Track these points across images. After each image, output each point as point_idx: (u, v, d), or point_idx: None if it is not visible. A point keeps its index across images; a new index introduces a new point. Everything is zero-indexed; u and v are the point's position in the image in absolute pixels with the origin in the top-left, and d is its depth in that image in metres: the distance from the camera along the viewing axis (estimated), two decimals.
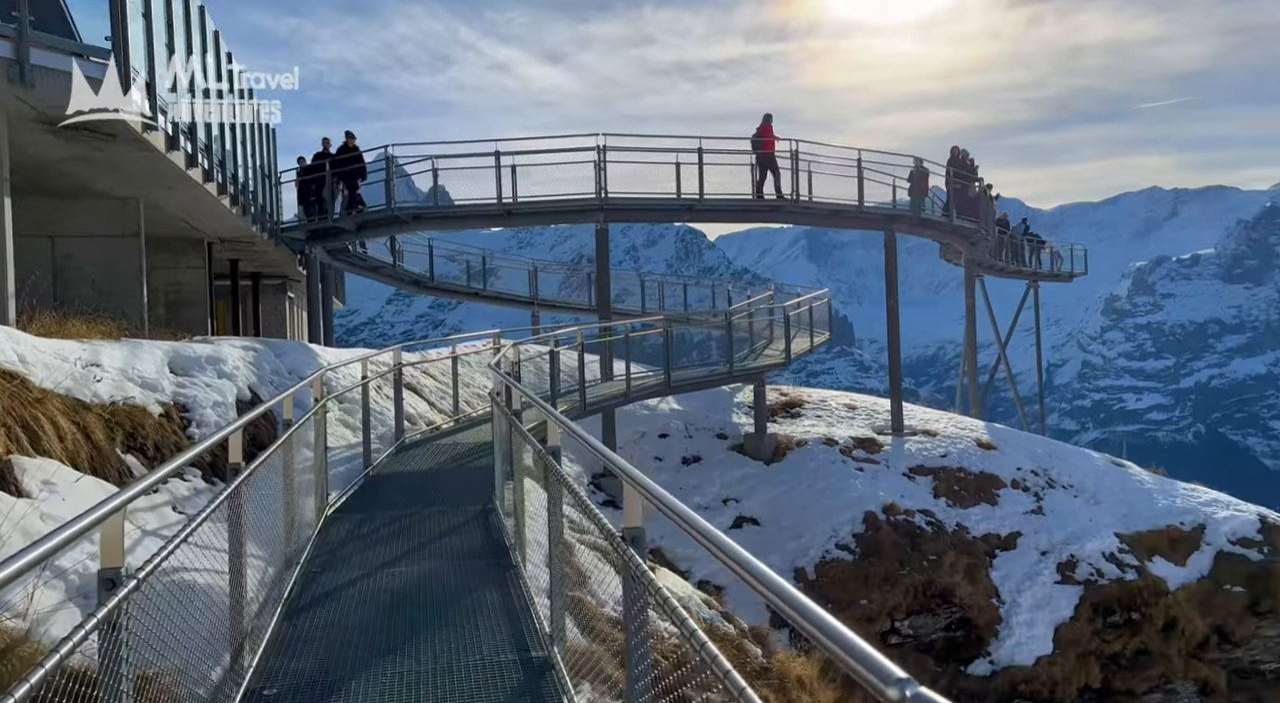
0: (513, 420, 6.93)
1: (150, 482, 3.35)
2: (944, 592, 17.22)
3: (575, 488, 4.47)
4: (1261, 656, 17.37)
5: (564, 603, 5.17)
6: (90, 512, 2.71)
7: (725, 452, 20.35)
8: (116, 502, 2.87)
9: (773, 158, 19.66)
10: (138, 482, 3.23)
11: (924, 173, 22.35)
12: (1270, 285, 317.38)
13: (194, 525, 3.81)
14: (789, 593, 1.87)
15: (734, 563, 2.23)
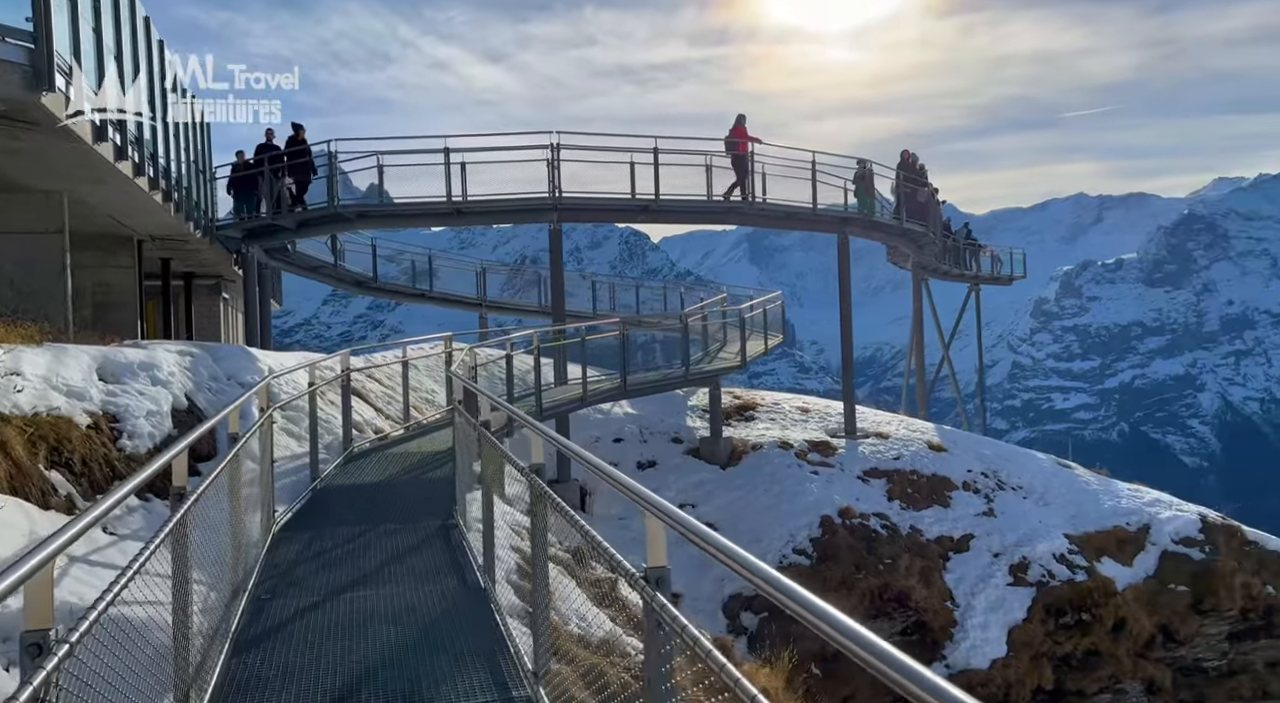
0: (486, 436, 6.47)
1: (85, 525, 2.86)
2: (900, 596, 17.21)
3: (578, 519, 4.07)
4: (1204, 654, 17.75)
5: (549, 640, 4.76)
6: (12, 568, 2.24)
7: (681, 456, 20.08)
8: (43, 554, 2.40)
9: (745, 160, 19.48)
10: (69, 525, 2.74)
11: (870, 173, 22.36)
12: (1188, 289, 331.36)
13: (132, 571, 3.31)
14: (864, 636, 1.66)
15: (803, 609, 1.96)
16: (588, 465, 3.87)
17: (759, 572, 2.20)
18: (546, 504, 4.66)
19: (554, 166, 19.02)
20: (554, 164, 19.02)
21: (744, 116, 20.43)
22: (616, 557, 3.32)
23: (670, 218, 20.27)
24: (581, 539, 4.38)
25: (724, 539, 2.42)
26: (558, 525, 7.81)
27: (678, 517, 2.72)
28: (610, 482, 3.62)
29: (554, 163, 19.05)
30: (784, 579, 2.11)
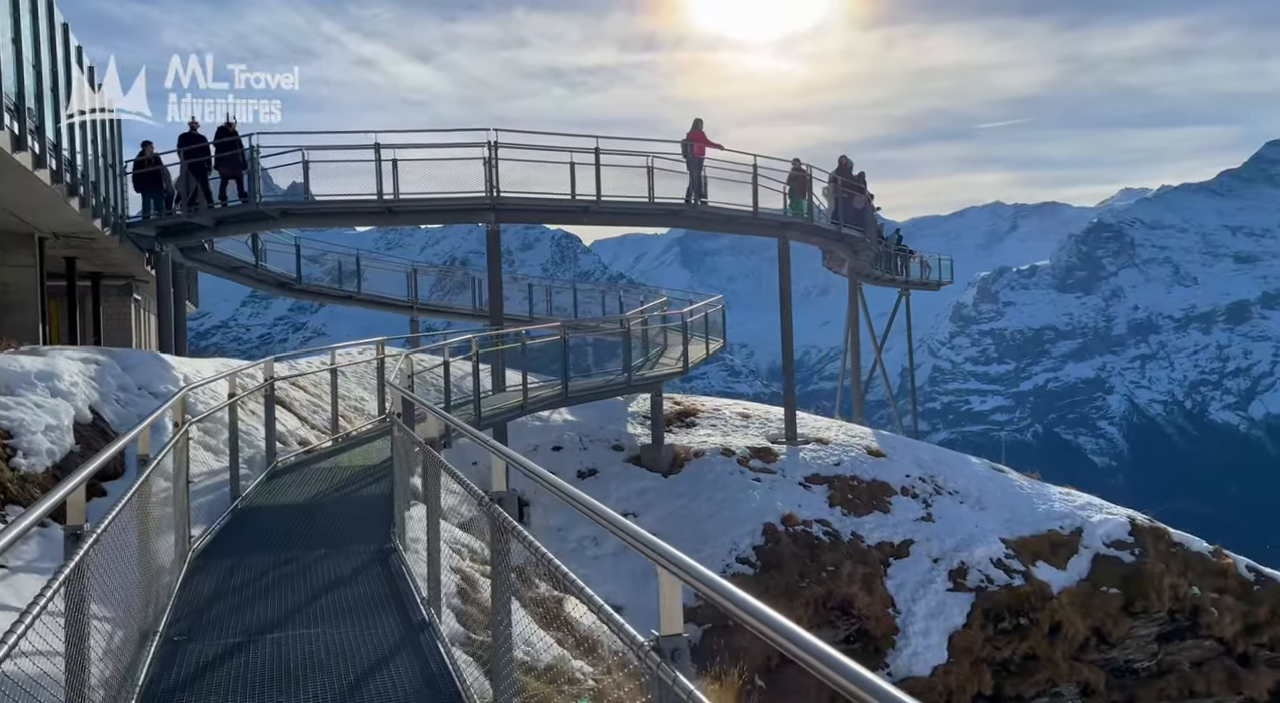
0: (432, 456, 5.90)
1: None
2: (843, 603, 17.09)
3: (559, 565, 3.57)
4: (1135, 654, 18.11)
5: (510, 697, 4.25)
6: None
7: (622, 464, 19.64)
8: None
9: (702, 164, 19.18)
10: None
11: (803, 175, 22.22)
12: (1098, 295, 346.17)
13: (16, 636, 2.70)
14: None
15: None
16: (563, 495, 3.40)
17: (716, 586, 2.20)
18: (510, 542, 4.16)
19: (491, 166, 18.38)
20: (491, 163, 18.39)
21: (701, 121, 20.22)
22: (619, 620, 2.85)
23: (611, 220, 19.83)
24: (557, 583, 3.86)
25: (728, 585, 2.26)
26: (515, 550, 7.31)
27: (705, 577, 2.28)
28: (592, 515, 3.18)
29: (491, 162, 18.42)
30: (738, 591, 2.12)
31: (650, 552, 2.56)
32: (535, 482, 3.75)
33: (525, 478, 4.49)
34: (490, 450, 4.33)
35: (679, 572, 2.37)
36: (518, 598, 9.96)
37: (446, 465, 5.45)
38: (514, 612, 8.29)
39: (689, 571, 2.31)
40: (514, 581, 10.63)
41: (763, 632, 2.03)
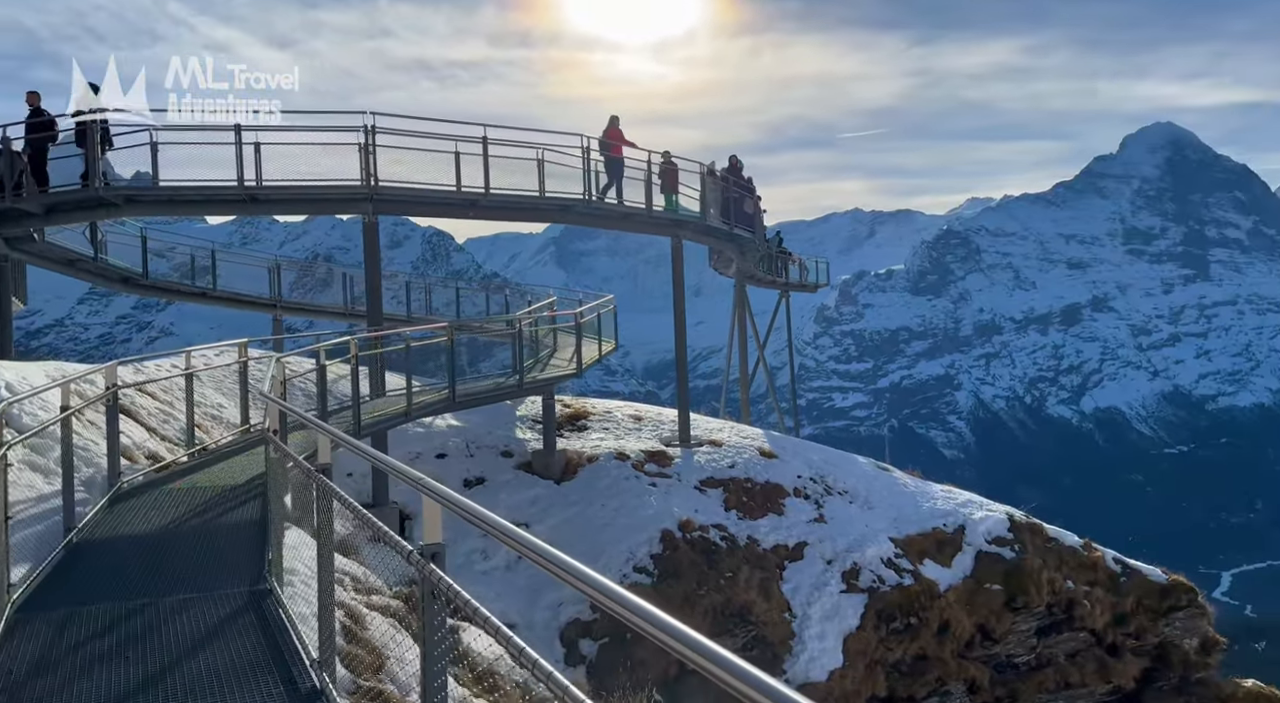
0: (326, 487, 4.86)
1: None
2: (741, 610, 16.73)
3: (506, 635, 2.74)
4: (1016, 649, 18.63)
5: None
6: None
7: (512, 471, 18.64)
8: None
9: (621, 163, 18.38)
10: None
11: (673, 168, 21.25)
12: (947, 298, 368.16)
13: None
14: None
15: None
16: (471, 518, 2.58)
17: (614, 595, 2.09)
18: (441, 608, 3.28)
19: (369, 152, 16.97)
20: (368, 149, 16.98)
21: (617, 118, 19.44)
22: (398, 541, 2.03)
23: (500, 214, 18.77)
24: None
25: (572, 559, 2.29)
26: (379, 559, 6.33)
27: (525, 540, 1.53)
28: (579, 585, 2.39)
29: (368, 148, 17.01)
30: (633, 597, 2.04)
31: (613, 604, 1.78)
32: (420, 491, 3.34)
33: (409, 492, 3.84)
34: (420, 489, 3.41)
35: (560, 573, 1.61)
36: (408, 631, 8.91)
37: (354, 507, 4.43)
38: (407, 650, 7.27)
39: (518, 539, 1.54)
40: (393, 601, 9.53)
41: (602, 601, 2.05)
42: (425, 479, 3.42)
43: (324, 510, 4.81)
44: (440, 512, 3.38)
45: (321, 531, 4.88)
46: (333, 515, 4.88)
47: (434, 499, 3.36)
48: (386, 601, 9.49)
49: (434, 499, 3.36)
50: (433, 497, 3.37)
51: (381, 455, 4.25)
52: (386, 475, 16.34)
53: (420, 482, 3.41)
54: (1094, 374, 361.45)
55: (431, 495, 3.37)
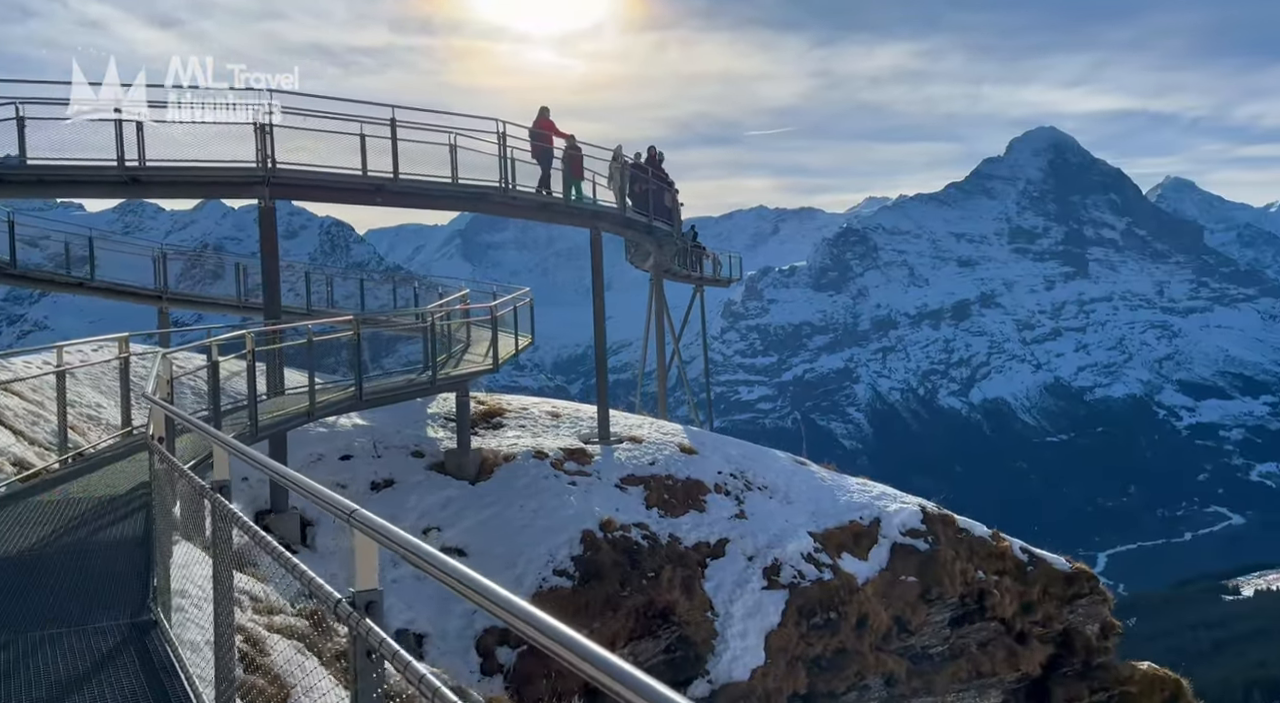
0: (231, 517, 4.12)
1: None
2: (664, 611, 16.36)
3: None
4: (930, 640, 18.88)
5: None
6: None
7: (423, 472, 17.75)
8: None
9: (551, 153, 17.59)
10: None
11: (578, 155, 20.26)
12: (846, 294, 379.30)
13: None
14: None
15: None
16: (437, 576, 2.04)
17: (508, 605, 2.04)
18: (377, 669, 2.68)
19: (266, 132, 15.77)
20: (266, 129, 15.78)
21: (548, 109, 18.62)
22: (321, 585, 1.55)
23: (409, 201, 17.78)
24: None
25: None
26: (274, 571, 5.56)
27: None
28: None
29: (266, 128, 15.81)
30: (529, 608, 1.97)
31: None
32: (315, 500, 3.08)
33: (309, 499, 3.31)
34: (355, 530, 2.79)
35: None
36: (317, 654, 8.13)
37: (283, 555, 3.73)
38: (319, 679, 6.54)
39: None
40: (298, 621, 8.70)
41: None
42: (357, 509, 2.80)
43: (222, 540, 4.08)
44: (377, 551, 2.77)
45: (219, 561, 4.15)
46: (230, 547, 4.16)
47: (369, 537, 2.73)
48: (289, 621, 8.65)
49: (369, 537, 2.73)
50: (366, 530, 2.75)
51: (296, 475, 3.57)
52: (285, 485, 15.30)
53: (348, 511, 2.79)
54: (982, 367, 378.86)
55: (365, 529, 2.75)
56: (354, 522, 2.76)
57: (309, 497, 3.21)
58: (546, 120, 18.77)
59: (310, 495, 3.20)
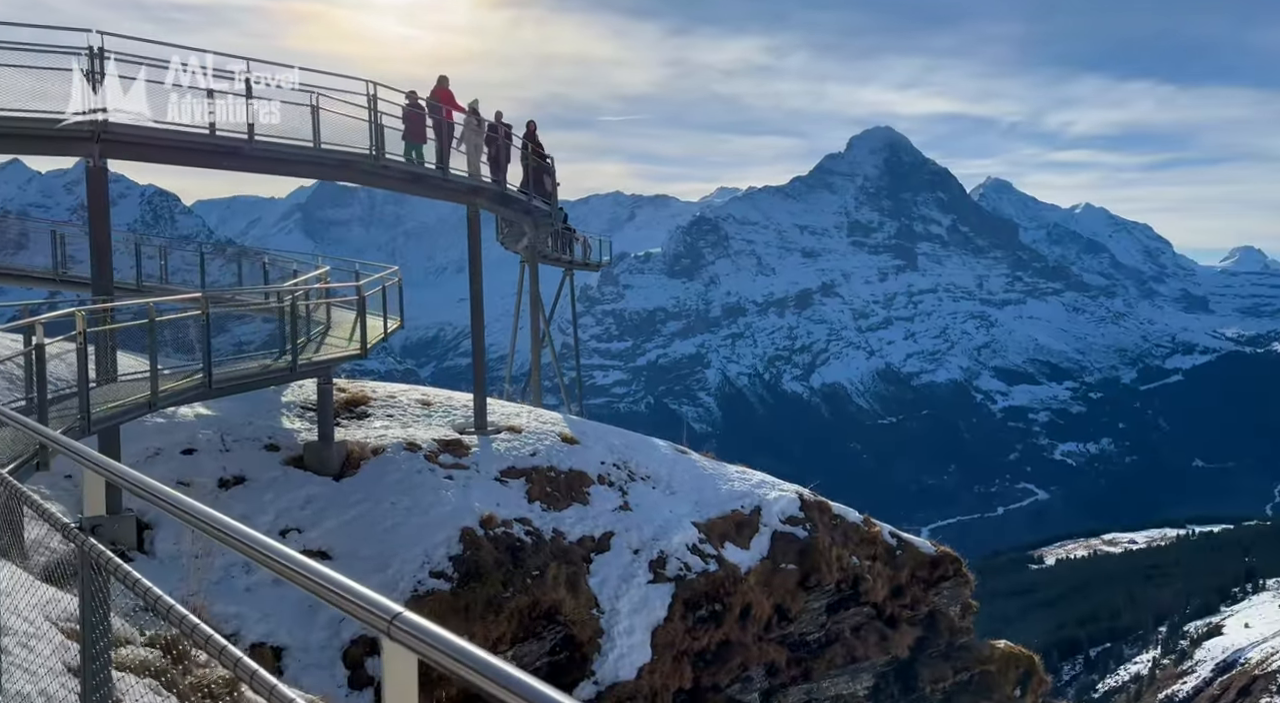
0: (111, 567, 3.01)
1: None
2: (549, 611, 15.56)
3: None
4: (808, 627, 19.02)
5: None
6: None
7: (279, 467, 16.09)
8: None
9: (452, 127, 16.03)
10: None
11: (419, 112, 18.03)
12: (699, 281, 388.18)
13: None
14: None
15: None
16: None
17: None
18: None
19: (95, 79, 13.64)
20: (95, 76, 13.65)
21: (446, 78, 17.00)
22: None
23: (266, 166, 15.94)
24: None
25: None
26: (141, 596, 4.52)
27: None
28: None
29: (94, 75, 13.67)
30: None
31: None
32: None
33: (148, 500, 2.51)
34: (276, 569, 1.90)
35: None
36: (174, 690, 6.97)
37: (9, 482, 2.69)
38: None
39: None
40: (146, 651, 7.37)
41: None
42: (117, 466, 1.92)
43: (97, 598, 2.97)
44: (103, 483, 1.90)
45: (90, 624, 3.04)
46: (108, 603, 3.06)
47: (94, 470, 1.84)
48: (140, 653, 7.32)
49: (94, 470, 1.84)
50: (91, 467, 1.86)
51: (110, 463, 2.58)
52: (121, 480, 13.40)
53: (118, 471, 1.91)
54: (822, 353, 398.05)
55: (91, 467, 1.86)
56: (107, 471, 1.87)
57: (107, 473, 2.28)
58: (445, 90, 17.28)
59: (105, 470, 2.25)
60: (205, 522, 2.57)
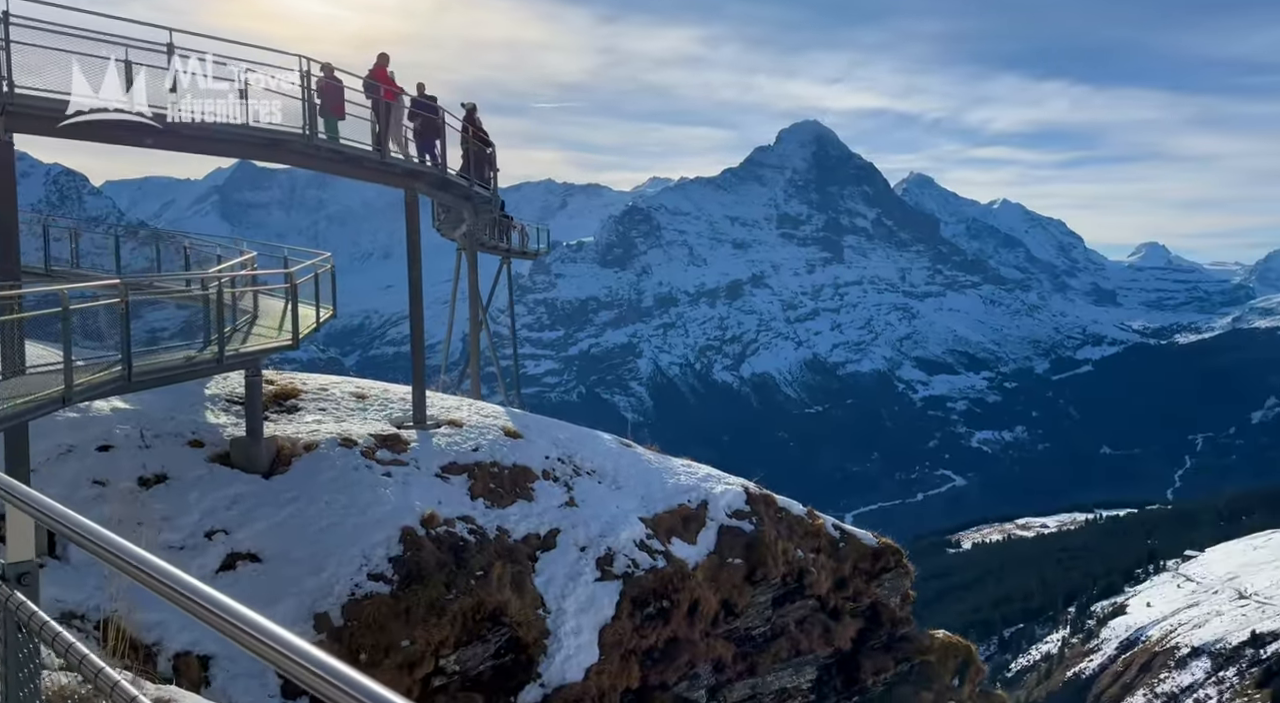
0: (39, 624, 2.46)
1: None
2: (495, 612, 15.04)
3: None
4: (754, 622, 18.92)
5: None
6: None
7: (204, 465, 15.16)
8: None
9: (390, 108, 15.11)
10: None
11: (336, 85, 16.52)
12: (631, 271, 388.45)
13: None
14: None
15: None
16: None
17: None
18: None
19: (1, 48, 12.49)
20: (1, 44, 12.50)
21: (387, 56, 16.04)
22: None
23: (192, 145, 14.90)
24: None
25: None
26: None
27: None
28: None
29: (1, 43, 12.52)
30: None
31: None
32: None
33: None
34: None
35: None
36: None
37: None
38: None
39: None
40: (62, 676, 6.76)
41: None
42: None
43: (26, 667, 2.44)
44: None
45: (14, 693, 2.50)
46: (39, 670, 2.53)
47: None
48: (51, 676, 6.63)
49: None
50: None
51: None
52: (59, 524, 12.40)
53: None
54: (751, 343, 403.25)
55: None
56: None
57: None
58: (383, 69, 16.39)
59: None
60: (163, 580, 2.08)
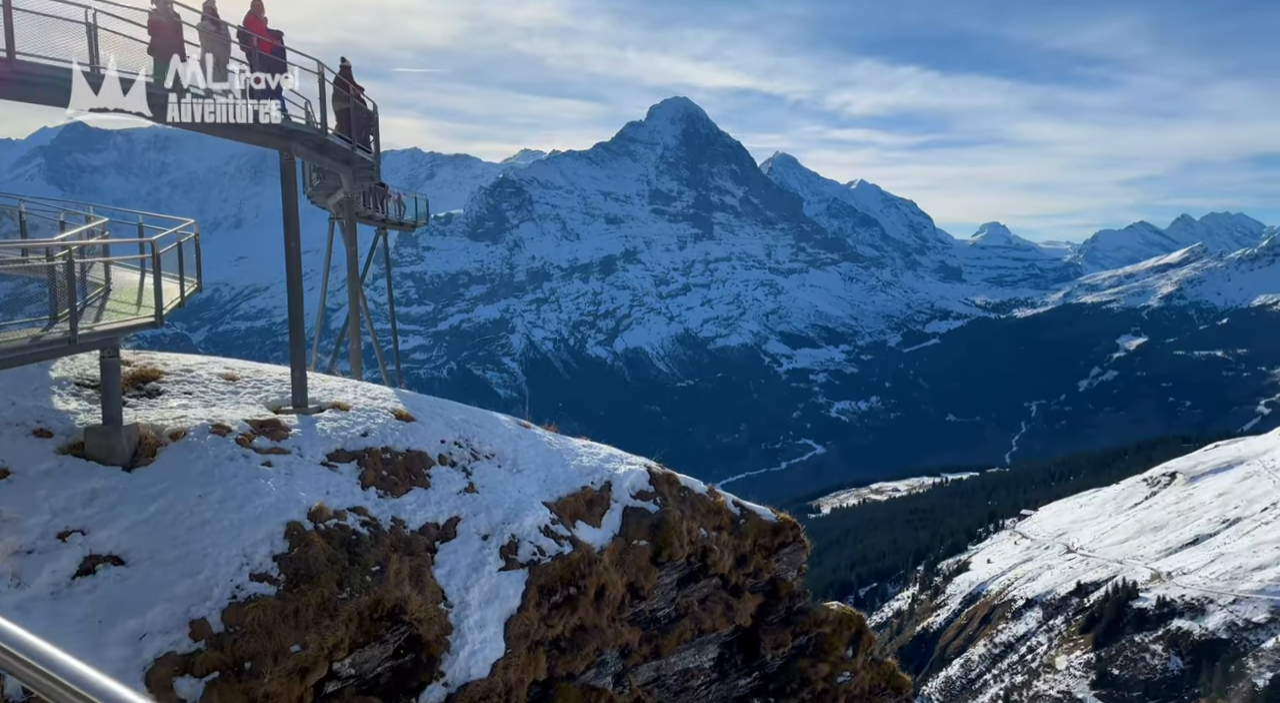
0: None
1: None
2: (393, 610, 13.99)
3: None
4: (659, 604, 18.58)
5: None
6: None
7: (54, 457, 13.31)
8: None
9: (275, 63, 13.34)
10: None
11: (174, 22, 14.20)
12: (503, 245, 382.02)
13: None
14: None
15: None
16: None
17: None
18: None
19: None
20: None
21: (260, 3, 14.17)
22: None
23: (32, 94, 12.85)
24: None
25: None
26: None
27: None
28: None
29: None
30: None
31: None
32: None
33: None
34: None
35: None
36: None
37: None
38: None
39: None
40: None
41: None
42: None
43: None
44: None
45: None
46: None
47: None
48: None
49: None
50: None
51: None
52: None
53: None
54: (625, 319, 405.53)
55: None
56: None
57: None
58: (255, 18, 14.60)
59: None
60: None
